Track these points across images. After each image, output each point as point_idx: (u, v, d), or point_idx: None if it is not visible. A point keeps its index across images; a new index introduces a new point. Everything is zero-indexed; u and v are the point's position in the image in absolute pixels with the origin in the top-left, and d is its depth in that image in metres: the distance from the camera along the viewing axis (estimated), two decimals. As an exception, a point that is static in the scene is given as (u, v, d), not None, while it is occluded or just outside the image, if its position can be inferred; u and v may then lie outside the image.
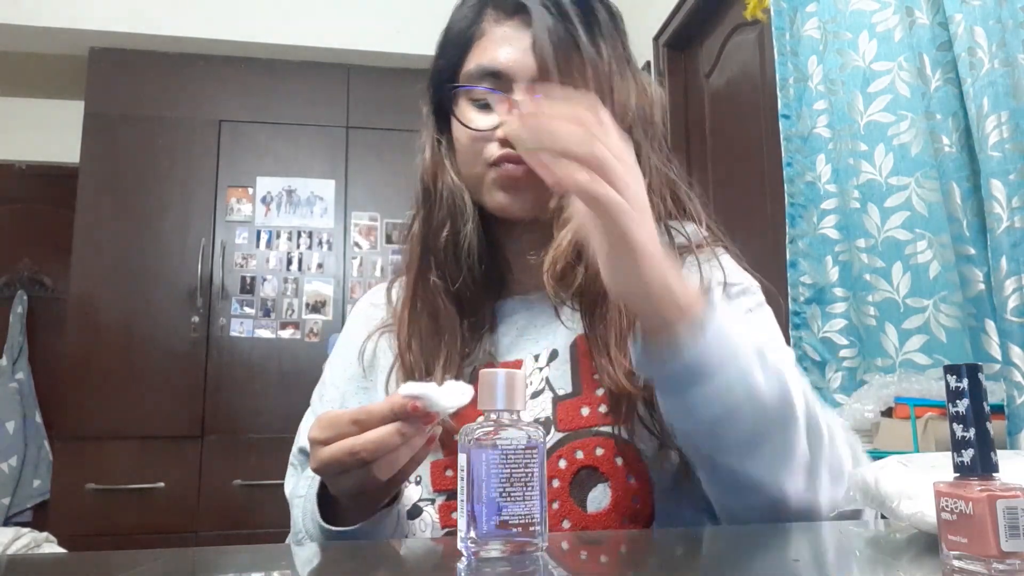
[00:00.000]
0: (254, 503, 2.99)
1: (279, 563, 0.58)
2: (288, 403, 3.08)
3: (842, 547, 0.58)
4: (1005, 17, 1.22)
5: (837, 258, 1.56)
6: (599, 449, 0.72)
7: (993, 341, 1.23)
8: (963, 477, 0.45)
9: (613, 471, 0.71)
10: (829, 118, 1.59)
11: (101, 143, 3.17)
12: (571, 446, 0.73)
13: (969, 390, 0.46)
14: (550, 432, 0.73)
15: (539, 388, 0.76)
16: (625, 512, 0.71)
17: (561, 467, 0.72)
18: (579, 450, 0.72)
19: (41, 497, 3.54)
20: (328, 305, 3.24)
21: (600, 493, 0.71)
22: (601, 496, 0.71)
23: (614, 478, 0.71)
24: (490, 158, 0.77)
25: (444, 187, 0.81)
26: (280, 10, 3.30)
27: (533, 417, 0.74)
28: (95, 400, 2.99)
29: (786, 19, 1.71)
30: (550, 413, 0.74)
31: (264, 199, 3.28)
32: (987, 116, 1.21)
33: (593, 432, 0.72)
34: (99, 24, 3.16)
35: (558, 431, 0.73)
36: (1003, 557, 0.41)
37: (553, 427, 0.73)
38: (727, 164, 2.31)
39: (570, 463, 0.72)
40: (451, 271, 0.80)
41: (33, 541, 1.71)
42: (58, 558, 0.92)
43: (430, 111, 0.85)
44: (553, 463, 0.72)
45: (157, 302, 3.11)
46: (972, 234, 1.27)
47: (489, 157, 0.77)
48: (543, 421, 0.74)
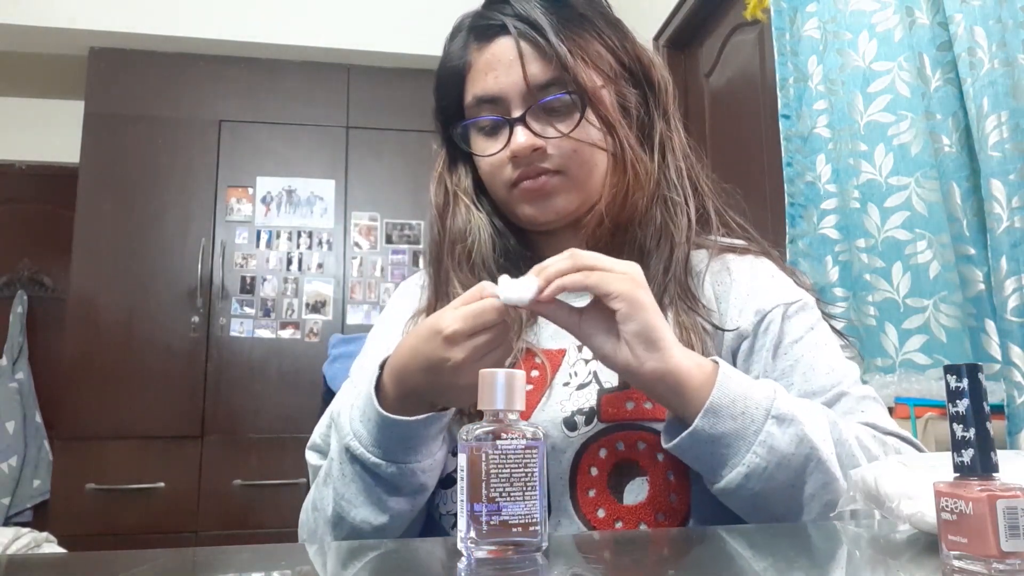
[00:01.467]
0: (254, 503, 2.99)
1: (279, 563, 0.58)
2: (288, 403, 3.09)
3: (842, 547, 0.58)
4: (1005, 17, 1.22)
5: (837, 258, 1.56)
6: (641, 443, 0.72)
7: (993, 341, 1.23)
8: (963, 477, 0.45)
9: (653, 466, 0.72)
10: (829, 118, 1.58)
11: (101, 143, 3.17)
12: (613, 437, 0.73)
13: (969, 390, 0.46)
14: (593, 422, 0.73)
15: (585, 380, 0.76)
16: (661, 507, 0.71)
17: (601, 456, 0.73)
18: (621, 441, 0.73)
19: (41, 497, 3.54)
20: (328, 305, 3.24)
21: (638, 486, 0.72)
22: (638, 489, 0.72)
23: (653, 473, 0.72)
24: (510, 180, 0.81)
25: (457, 217, 0.85)
26: (280, 10, 3.30)
27: (577, 407, 0.74)
28: (95, 400, 2.99)
29: (786, 19, 1.71)
30: (594, 403, 0.74)
31: (264, 199, 3.28)
32: (987, 116, 1.21)
33: (637, 426, 0.73)
34: (99, 24, 3.16)
35: (601, 421, 0.73)
36: (1003, 557, 0.41)
37: (596, 417, 0.73)
38: (727, 164, 2.31)
39: (610, 453, 0.73)
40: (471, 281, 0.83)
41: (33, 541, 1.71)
42: (58, 558, 0.92)
43: (441, 145, 0.89)
44: (594, 452, 0.73)
45: (157, 302, 3.11)
46: (972, 234, 1.27)
47: (509, 179, 0.81)
48: (586, 411, 0.74)
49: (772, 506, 0.65)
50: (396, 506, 0.70)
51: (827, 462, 0.64)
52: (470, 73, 0.82)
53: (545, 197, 0.80)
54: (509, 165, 0.80)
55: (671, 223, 0.80)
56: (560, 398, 0.75)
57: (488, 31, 0.80)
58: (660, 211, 0.80)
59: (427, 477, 0.71)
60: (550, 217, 0.82)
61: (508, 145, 0.79)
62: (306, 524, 0.79)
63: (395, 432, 0.67)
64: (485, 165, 0.83)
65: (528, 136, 0.78)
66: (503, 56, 0.79)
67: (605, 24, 0.82)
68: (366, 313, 3.25)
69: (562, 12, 0.79)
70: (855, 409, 0.74)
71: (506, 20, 0.78)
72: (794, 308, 0.78)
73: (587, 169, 0.80)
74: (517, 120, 0.78)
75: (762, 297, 0.78)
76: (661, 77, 0.85)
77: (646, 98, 0.84)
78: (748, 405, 0.64)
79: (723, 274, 0.81)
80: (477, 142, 0.83)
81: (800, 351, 0.76)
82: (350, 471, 0.70)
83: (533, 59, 0.78)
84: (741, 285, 0.79)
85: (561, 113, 0.79)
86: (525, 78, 0.77)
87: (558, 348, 0.79)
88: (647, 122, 0.83)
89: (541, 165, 0.79)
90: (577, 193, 0.81)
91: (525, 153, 0.78)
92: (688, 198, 0.82)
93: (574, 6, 0.80)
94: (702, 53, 2.52)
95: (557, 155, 0.79)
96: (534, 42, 0.77)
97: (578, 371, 0.77)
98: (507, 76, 0.78)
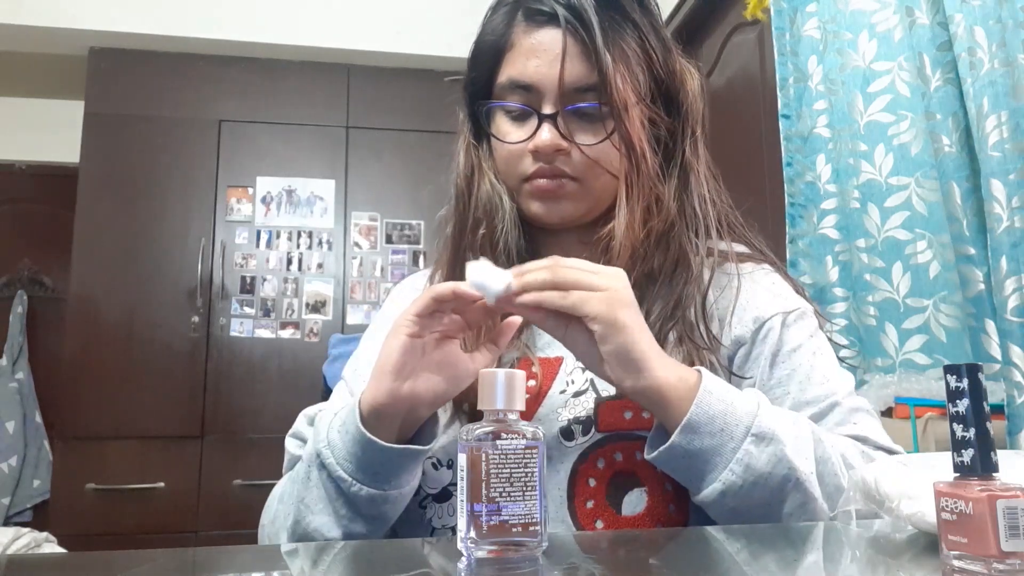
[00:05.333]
0: (254, 503, 2.96)
1: (279, 563, 0.58)
2: (288, 403, 3.08)
3: (842, 547, 0.58)
4: (1005, 17, 1.22)
5: (837, 258, 1.56)
6: (639, 453, 0.71)
7: (993, 341, 1.23)
8: (963, 477, 0.45)
9: (651, 477, 0.71)
10: (829, 118, 1.58)
11: (101, 143, 3.17)
12: (611, 447, 0.72)
13: (969, 390, 0.46)
14: (590, 432, 0.72)
15: (582, 388, 0.75)
16: (660, 518, 0.71)
17: (599, 467, 0.72)
18: (619, 452, 0.72)
19: (41, 497, 3.54)
20: (328, 305, 3.24)
21: (636, 497, 0.71)
22: (637, 500, 0.71)
23: (651, 484, 0.71)
24: (525, 173, 0.79)
25: (481, 190, 0.82)
26: (280, 10, 3.30)
27: (574, 416, 0.73)
28: (95, 400, 2.99)
29: (786, 19, 1.71)
30: (591, 412, 0.73)
31: (264, 199, 3.27)
32: (987, 116, 1.21)
33: (635, 436, 0.72)
34: (99, 24, 3.16)
35: (599, 431, 0.72)
36: (1003, 557, 0.41)
37: (594, 427, 0.73)
38: (727, 164, 2.31)
39: (608, 464, 0.72)
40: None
41: (33, 541, 1.71)
42: (58, 558, 0.92)
43: (466, 116, 0.86)
44: (592, 463, 0.72)
45: (157, 302, 3.11)
46: (972, 234, 1.27)
47: (524, 172, 0.79)
48: (583, 420, 0.73)
49: (751, 521, 0.65)
50: (351, 525, 0.68)
51: (806, 483, 0.64)
52: (510, 52, 0.79)
53: (557, 199, 0.79)
54: (529, 157, 0.78)
55: (689, 253, 0.78)
56: (556, 406, 0.74)
57: (539, 15, 0.77)
58: (678, 241, 0.79)
59: (388, 508, 0.69)
60: (555, 220, 0.81)
61: (532, 138, 0.77)
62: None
63: (369, 454, 0.66)
64: (503, 151, 0.80)
65: (555, 135, 0.76)
66: (549, 47, 0.76)
67: (653, 35, 0.80)
68: (366, 313, 3.25)
69: (615, 14, 0.77)
70: (847, 420, 0.74)
71: (559, 9, 0.76)
72: (793, 317, 0.78)
73: (603, 182, 0.79)
74: (547, 117, 0.76)
75: (761, 305, 0.78)
76: (694, 98, 0.83)
77: (675, 121, 0.82)
78: (728, 422, 0.63)
79: (723, 278, 0.80)
80: (501, 125, 0.80)
81: (798, 360, 0.76)
82: (316, 477, 0.69)
83: (577, 59, 0.75)
84: (741, 293, 0.79)
85: (591, 121, 0.77)
86: (564, 77, 0.75)
87: (555, 356, 0.78)
88: (672, 147, 0.82)
89: (561, 167, 0.78)
90: (587, 202, 0.80)
91: (548, 151, 0.77)
92: (709, 228, 0.80)
93: (627, 10, 0.78)
94: (702, 53, 2.52)
95: (578, 161, 0.78)
96: (582, 42, 0.75)
97: (575, 379, 0.76)
98: (549, 69, 0.76)
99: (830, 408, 0.74)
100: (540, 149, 0.77)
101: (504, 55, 0.80)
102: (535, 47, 0.77)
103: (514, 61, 0.78)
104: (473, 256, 0.75)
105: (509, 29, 0.80)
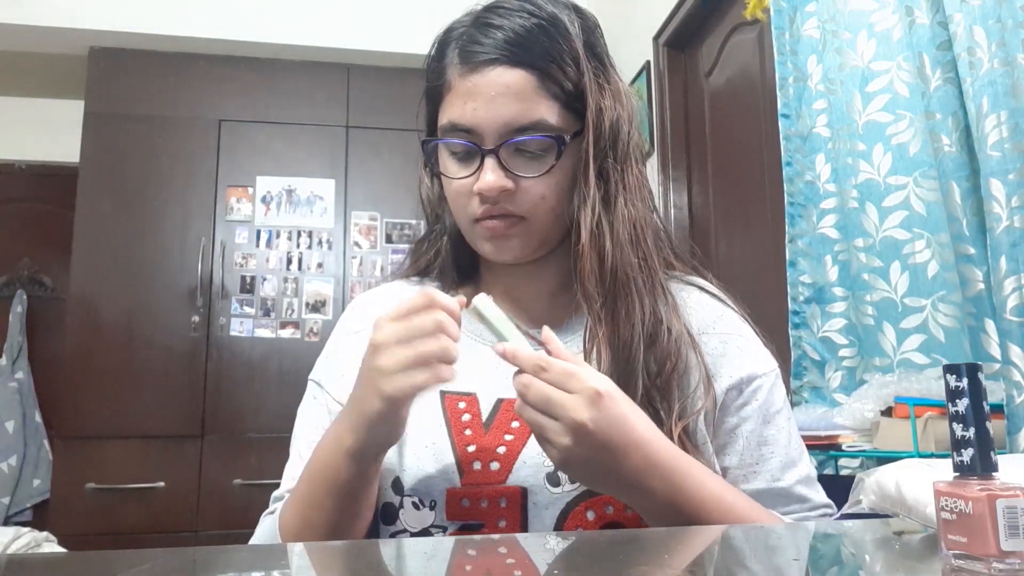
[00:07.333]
0: (254, 503, 2.97)
1: (279, 563, 0.58)
2: (288, 403, 3.06)
3: (842, 547, 0.58)
4: (1005, 17, 1.22)
5: (836, 257, 1.56)
6: (629, 508, 0.70)
7: (993, 341, 1.23)
8: (963, 477, 0.45)
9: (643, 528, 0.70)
10: (828, 117, 1.58)
11: (101, 143, 3.17)
12: (601, 498, 0.72)
13: (969, 390, 0.46)
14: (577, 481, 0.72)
15: None
16: None
17: (589, 518, 0.72)
18: (610, 505, 0.72)
19: (41, 497, 3.54)
20: (328, 305, 3.24)
21: None
22: None
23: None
24: (474, 214, 0.78)
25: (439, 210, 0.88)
26: (280, 10, 3.30)
27: (555, 467, 0.71)
28: (95, 400, 2.99)
29: (786, 19, 1.71)
30: None
31: (264, 199, 3.27)
32: (987, 116, 1.20)
33: None
34: (99, 24, 3.15)
35: None
36: (1003, 556, 0.41)
37: None
38: (727, 164, 2.31)
39: (598, 517, 0.71)
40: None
41: (33, 541, 1.71)
42: (58, 558, 0.92)
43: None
44: (580, 513, 0.72)
45: (157, 301, 3.11)
46: (971, 233, 1.27)
47: (473, 213, 0.78)
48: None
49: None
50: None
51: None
52: (448, 95, 0.78)
53: (507, 239, 0.78)
54: (476, 198, 0.77)
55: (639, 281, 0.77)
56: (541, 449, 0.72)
57: (474, 57, 0.76)
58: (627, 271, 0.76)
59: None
60: (507, 258, 0.80)
61: (477, 178, 0.76)
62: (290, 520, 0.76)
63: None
64: (451, 189, 0.80)
65: (498, 176, 0.75)
66: (485, 89, 0.75)
67: (593, 61, 0.79)
68: (366, 313, 3.25)
69: (552, 44, 0.76)
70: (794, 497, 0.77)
71: (493, 48, 0.75)
72: (752, 387, 0.78)
73: (553, 217, 0.78)
74: (489, 152, 0.75)
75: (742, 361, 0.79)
76: (630, 125, 0.81)
77: (614, 146, 0.79)
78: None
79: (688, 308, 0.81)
80: (447, 164, 0.79)
81: (768, 431, 0.78)
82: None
83: (513, 99, 0.74)
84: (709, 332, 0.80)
85: (532, 157, 0.76)
86: (501, 118, 0.74)
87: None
88: (610, 173, 0.79)
89: (506, 206, 0.76)
90: (537, 238, 0.79)
91: (493, 193, 0.75)
92: (649, 256, 0.78)
93: (567, 36, 0.77)
94: (702, 53, 2.52)
95: (522, 200, 0.76)
96: (518, 78, 0.74)
97: None
98: (486, 110, 0.74)
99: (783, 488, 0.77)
100: (483, 192, 0.75)
101: (443, 97, 0.79)
102: (471, 90, 0.75)
103: (453, 103, 0.77)
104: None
105: (446, 70, 0.78)
